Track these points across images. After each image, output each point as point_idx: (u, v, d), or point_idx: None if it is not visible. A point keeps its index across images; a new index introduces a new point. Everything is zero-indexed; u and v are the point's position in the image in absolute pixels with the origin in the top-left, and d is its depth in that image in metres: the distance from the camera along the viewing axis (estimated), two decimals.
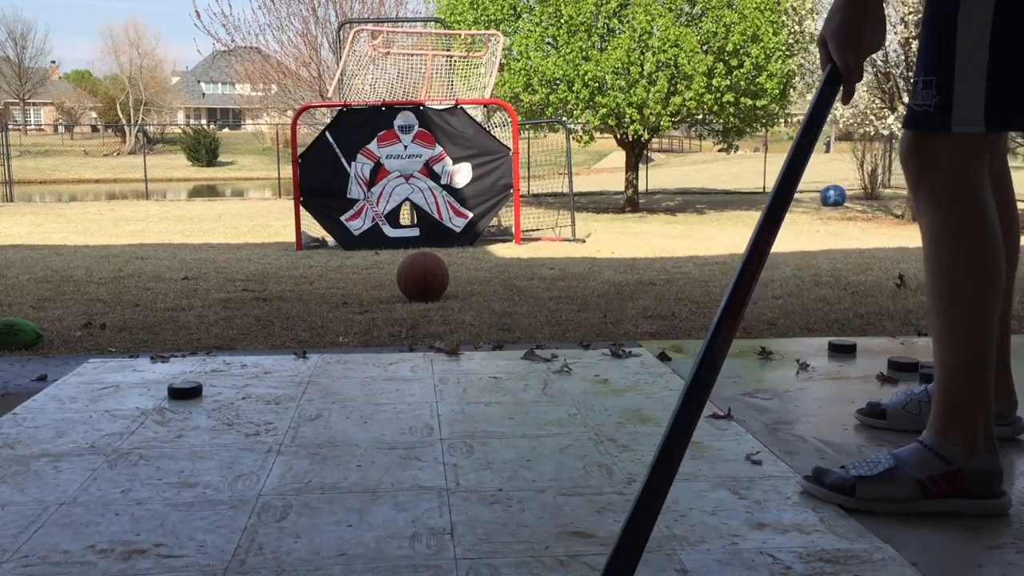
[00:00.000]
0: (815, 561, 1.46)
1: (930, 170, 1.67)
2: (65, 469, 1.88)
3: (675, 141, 48.52)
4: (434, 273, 5.33)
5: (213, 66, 57.81)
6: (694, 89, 13.82)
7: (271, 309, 4.82)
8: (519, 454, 1.97)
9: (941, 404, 1.70)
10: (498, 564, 1.44)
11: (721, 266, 6.93)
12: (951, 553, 1.50)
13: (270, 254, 8.49)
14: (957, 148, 1.63)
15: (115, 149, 47.62)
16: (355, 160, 9.32)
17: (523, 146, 12.53)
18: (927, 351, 3.00)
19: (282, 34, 22.97)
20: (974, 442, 1.66)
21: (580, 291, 5.46)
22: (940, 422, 1.69)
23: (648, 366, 2.78)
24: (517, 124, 9.75)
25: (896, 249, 8.77)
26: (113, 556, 1.48)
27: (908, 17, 12.85)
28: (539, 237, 10.18)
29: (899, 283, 5.54)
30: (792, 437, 2.09)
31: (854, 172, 20.56)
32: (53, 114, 59.88)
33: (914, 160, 1.69)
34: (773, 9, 14.02)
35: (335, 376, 2.68)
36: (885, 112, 13.47)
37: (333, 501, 1.71)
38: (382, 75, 10.73)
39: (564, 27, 14.14)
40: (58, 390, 2.52)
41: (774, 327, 4.10)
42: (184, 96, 64.83)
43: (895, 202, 17.25)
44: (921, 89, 1.64)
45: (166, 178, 33.58)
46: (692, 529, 1.58)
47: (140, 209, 16.69)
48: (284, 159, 22.08)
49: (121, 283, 6.04)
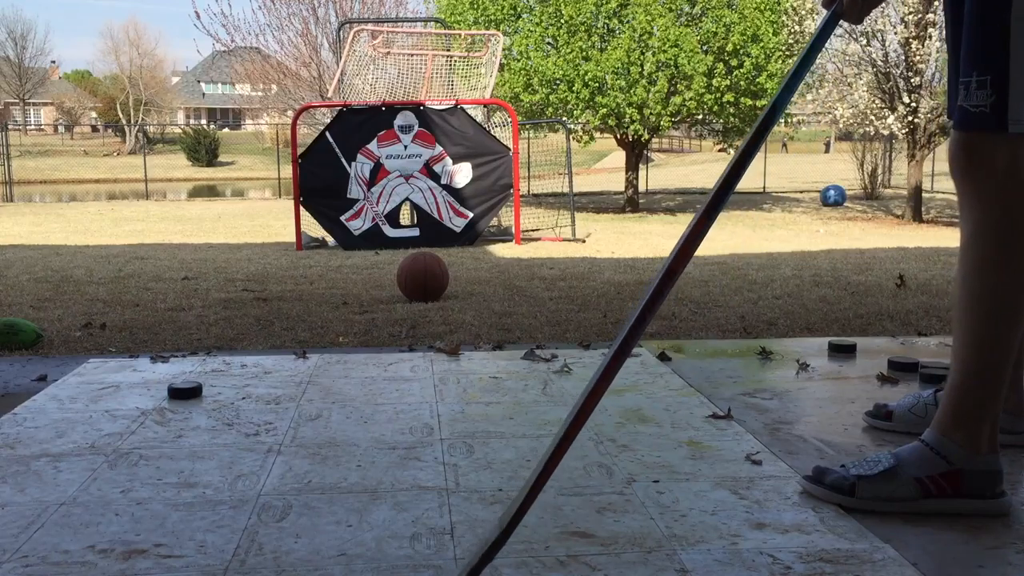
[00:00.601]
0: (815, 561, 1.46)
1: (983, 171, 1.64)
2: (65, 469, 1.88)
3: (675, 141, 48.51)
4: (434, 273, 5.33)
5: (213, 66, 57.86)
6: (694, 89, 13.82)
7: (271, 309, 4.82)
8: (519, 454, 1.97)
9: (950, 402, 1.68)
10: (498, 564, 1.44)
11: (721, 266, 6.93)
12: (951, 553, 1.50)
13: (270, 254, 8.49)
14: (1012, 148, 1.61)
15: (115, 149, 47.62)
16: (355, 160, 9.32)
17: (523, 146, 12.54)
18: (927, 351, 3.00)
19: (282, 34, 23.00)
20: (977, 443, 1.65)
21: (580, 291, 5.46)
22: (945, 421, 1.68)
23: (648, 366, 2.78)
24: (517, 124, 9.75)
25: (896, 249, 8.77)
26: (113, 556, 1.48)
27: (908, 17, 12.85)
28: (539, 237, 10.18)
29: (899, 283, 5.54)
30: (792, 437, 2.09)
31: (854, 172, 20.57)
32: (53, 114, 59.88)
33: (966, 161, 1.66)
34: (773, 9, 14.02)
35: (335, 376, 2.68)
36: (885, 112, 13.46)
37: (333, 501, 1.71)
38: (382, 75, 10.73)
39: (564, 27, 14.14)
40: (58, 390, 2.52)
41: (774, 327, 4.10)
42: (184, 96, 64.85)
43: (895, 202, 17.25)
44: (975, 89, 1.60)
45: (166, 178, 33.58)
46: (692, 529, 1.58)
47: (140, 209, 16.69)
48: (284, 159, 22.08)
49: (121, 283, 6.04)
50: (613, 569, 1.43)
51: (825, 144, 45.79)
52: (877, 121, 13.47)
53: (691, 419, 2.22)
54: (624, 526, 1.59)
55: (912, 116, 13.26)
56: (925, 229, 12.70)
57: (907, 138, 13.73)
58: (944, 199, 18.85)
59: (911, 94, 13.22)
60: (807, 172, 27.59)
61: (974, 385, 1.66)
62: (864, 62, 13.59)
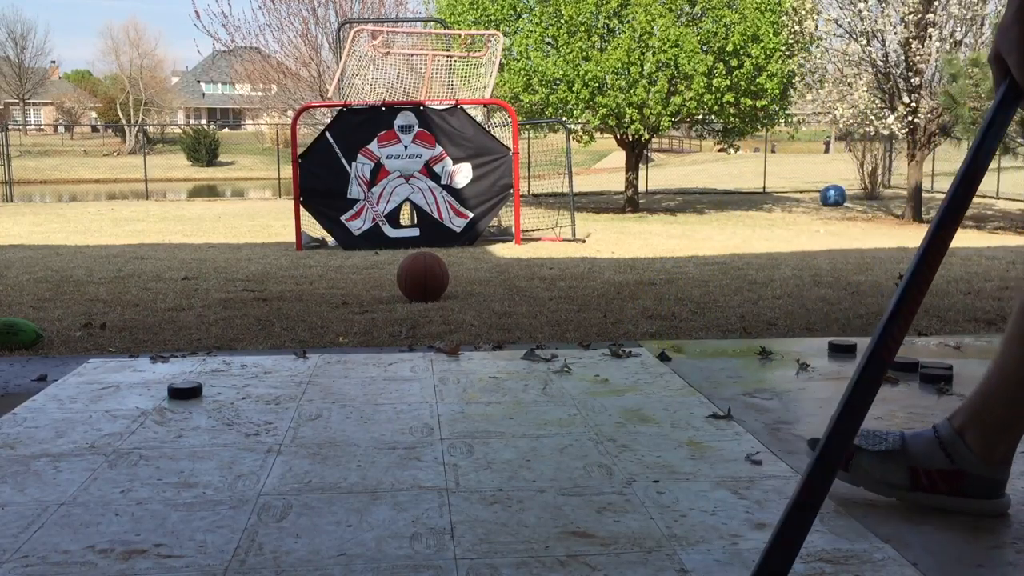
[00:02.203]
0: (815, 561, 1.46)
1: None
2: (65, 469, 1.88)
3: (675, 141, 48.48)
4: (434, 273, 5.33)
5: (213, 66, 57.83)
6: (694, 89, 13.82)
7: (271, 309, 4.82)
8: (519, 454, 1.97)
9: (973, 404, 1.61)
10: (498, 564, 1.44)
11: (721, 266, 6.93)
12: (951, 553, 1.50)
13: (270, 254, 8.49)
14: None
15: (115, 149, 47.60)
16: (355, 160, 9.32)
17: (523, 146, 12.53)
18: (927, 351, 3.00)
19: (282, 34, 22.93)
20: (990, 453, 1.60)
21: (580, 291, 5.46)
22: (963, 419, 1.62)
23: (648, 366, 2.78)
24: (517, 124, 9.75)
25: (896, 249, 8.77)
26: (113, 556, 1.48)
27: (908, 17, 12.85)
28: (539, 237, 10.18)
29: (899, 283, 5.55)
30: (792, 437, 2.09)
31: (854, 172, 20.57)
32: (53, 114, 59.85)
33: None
34: (773, 10, 14.02)
35: (335, 376, 2.68)
36: (885, 112, 13.46)
37: (333, 501, 1.71)
38: (382, 75, 10.73)
39: (564, 27, 14.14)
40: (58, 390, 2.51)
41: (774, 327, 4.10)
42: (184, 96, 64.80)
43: (895, 202, 17.25)
44: None
45: (166, 178, 33.56)
46: (692, 529, 1.58)
47: (140, 209, 16.69)
48: (284, 159, 22.07)
49: (121, 283, 6.04)
50: (613, 569, 1.43)
51: (825, 144, 45.77)
52: (877, 121, 13.47)
53: (691, 419, 2.22)
54: (624, 526, 1.59)
55: (912, 116, 13.26)
56: (925, 229, 12.65)
57: (907, 138, 13.73)
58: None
59: (911, 94, 13.22)
60: (807, 172, 27.58)
61: (1007, 394, 1.58)
62: (864, 62, 13.59)
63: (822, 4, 14.20)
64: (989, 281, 5.81)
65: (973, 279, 5.92)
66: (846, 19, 13.89)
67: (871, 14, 13.39)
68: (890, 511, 1.66)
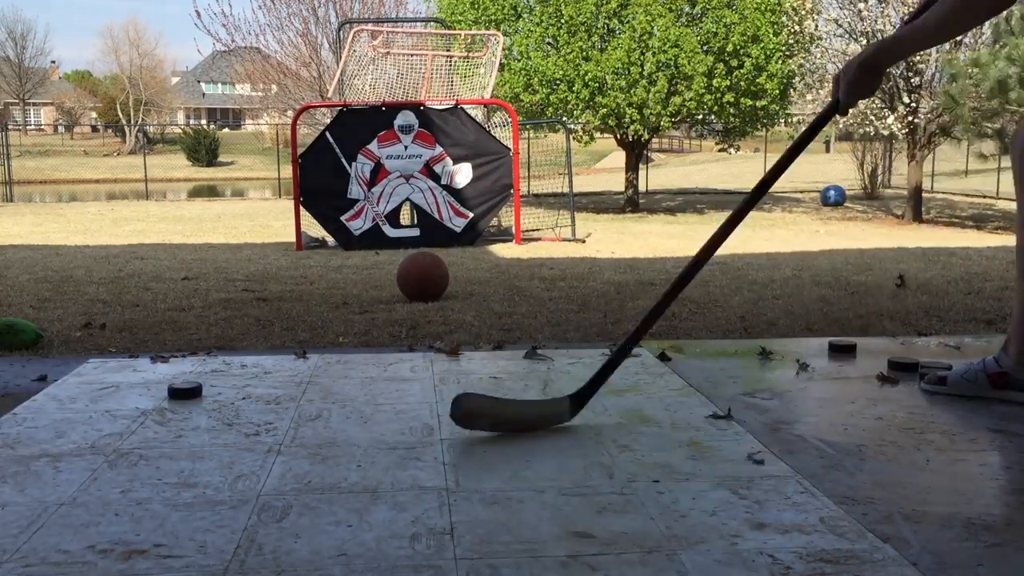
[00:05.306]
0: (815, 561, 1.46)
1: None
2: (65, 469, 1.88)
3: (675, 141, 48.50)
4: (434, 273, 5.33)
5: (213, 66, 57.81)
6: (694, 89, 13.82)
7: (271, 309, 4.82)
8: (519, 454, 1.97)
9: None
10: (498, 564, 1.44)
11: (721, 266, 6.93)
12: (951, 553, 1.50)
13: (270, 254, 8.49)
14: None
15: (115, 149, 47.60)
16: (355, 160, 9.32)
17: (523, 146, 12.53)
18: (927, 351, 3.00)
19: (282, 34, 22.93)
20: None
21: (580, 291, 5.46)
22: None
23: (648, 366, 2.78)
24: (517, 124, 9.76)
25: (896, 249, 8.77)
26: (113, 556, 1.48)
27: (908, 17, 12.84)
28: (539, 237, 10.18)
29: (899, 283, 5.54)
30: (792, 437, 2.09)
31: (854, 172, 20.57)
32: (53, 114, 59.86)
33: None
34: (773, 10, 14.02)
35: (335, 376, 2.68)
36: (885, 112, 13.46)
37: (333, 501, 1.71)
38: (382, 75, 10.72)
39: (564, 27, 14.14)
40: (58, 390, 2.51)
41: (774, 327, 4.10)
42: (184, 96, 64.82)
43: (895, 202, 17.25)
44: None
45: (166, 178, 33.56)
46: (692, 529, 1.58)
47: (140, 209, 16.69)
48: (284, 159, 22.07)
49: (121, 283, 6.04)
50: (613, 569, 1.43)
51: (825, 144, 45.76)
52: (877, 121, 13.47)
53: (691, 419, 2.22)
54: (624, 526, 1.59)
55: (912, 116, 13.26)
56: (925, 229, 12.70)
57: (907, 138, 13.73)
58: (944, 199, 18.86)
59: (911, 94, 13.22)
60: (807, 172, 27.57)
61: None
62: None
63: (822, 4, 14.21)
64: (989, 281, 5.81)
65: (973, 279, 5.92)
66: (846, 19, 13.90)
67: (871, 14, 13.40)
68: (890, 511, 1.66)
